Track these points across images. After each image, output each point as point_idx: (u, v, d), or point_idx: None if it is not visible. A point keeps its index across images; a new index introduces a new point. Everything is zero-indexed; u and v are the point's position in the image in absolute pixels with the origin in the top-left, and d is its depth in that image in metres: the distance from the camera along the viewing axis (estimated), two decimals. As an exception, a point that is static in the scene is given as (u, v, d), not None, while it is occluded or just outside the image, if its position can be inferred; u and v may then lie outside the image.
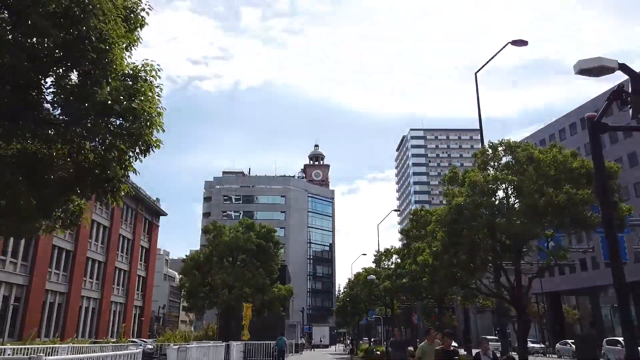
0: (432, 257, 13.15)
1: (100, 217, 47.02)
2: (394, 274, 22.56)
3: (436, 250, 12.99)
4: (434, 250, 13.11)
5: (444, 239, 12.82)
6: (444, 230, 13.01)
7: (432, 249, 13.25)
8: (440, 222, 13.15)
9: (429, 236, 14.09)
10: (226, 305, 20.91)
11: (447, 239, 12.66)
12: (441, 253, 12.81)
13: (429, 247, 13.57)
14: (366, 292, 36.14)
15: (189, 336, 33.32)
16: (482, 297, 14.31)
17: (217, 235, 22.29)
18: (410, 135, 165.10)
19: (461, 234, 12.35)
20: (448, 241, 12.64)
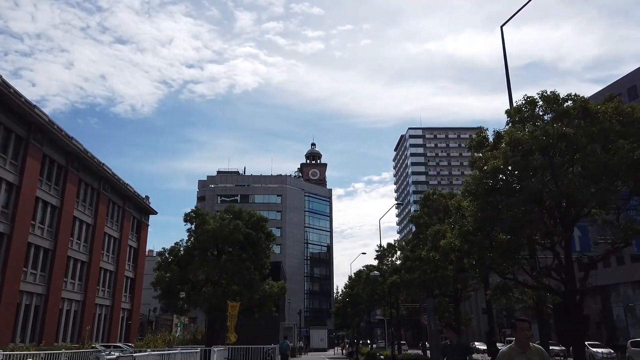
0: (461, 239, 10.40)
1: (83, 214, 44.13)
2: (403, 267, 19.80)
3: (466, 229, 10.25)
4: (463, 229, 10.36)
5: (476, 214, 10.09)
6: (476, 203, 10.27)
7: (460, 229, 10.49)
8: (469, 193, 10.41)
9: (455, 213, 11.30)
10: (209, 304, 18.04)
11: (480, 215, 9.94)
12: (473, 232, 10.10)
13: (455, 228, 10.81)
14: (368, 290, 33.36)
15: (173, 340, 30.44)
16: (519, 290, 11.58)
17: (200, 225, 19.46)
18: (409, 135, 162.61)
19: (499, 207, 9.65)
20: (482, 217, 9.92)
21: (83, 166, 43.43)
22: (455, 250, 10.58)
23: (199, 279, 19.71)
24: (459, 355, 7.75)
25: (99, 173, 46.49)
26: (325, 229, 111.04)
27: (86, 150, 43.54)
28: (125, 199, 53.51)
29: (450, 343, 7.82)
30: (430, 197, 20.19)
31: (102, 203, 47.41)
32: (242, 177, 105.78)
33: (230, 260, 18.95)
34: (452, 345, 7.79)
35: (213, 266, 18.45)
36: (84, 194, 44.74)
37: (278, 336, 32.53)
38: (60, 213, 39.65)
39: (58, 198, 39.61)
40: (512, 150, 9.59)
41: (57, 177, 39.85)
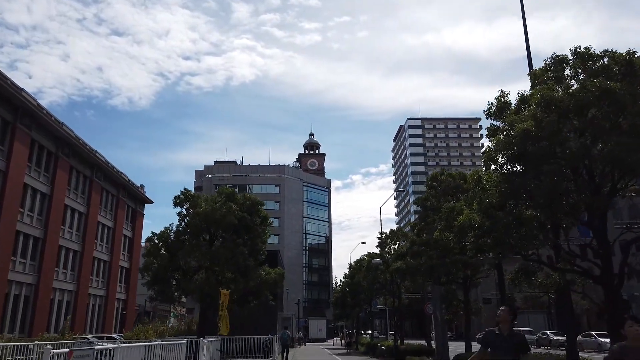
0: (482, 215, 9.12)
1: (75, 202, 42.84)
2: (409, 251, 18.59)
3: (489, 202, 8.96)
4: (485, 202, 9.07)
5: (500, 186, 8.81)
6: (501, 173, 9.00)
7: (480, 203, 9.20)
8: (493, 162, 9.12)
9: (475, 186, 9.97)
10: (201, 292, 16.83)
11: (505, 186, 8.66)
12: (496, 207, 8.82)
13: (474, 203, 9.54)
14: (369, 279, 32.20)
15: (166, 331, 29.34)
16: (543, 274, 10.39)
17: (191, 208, 18.19)
18: (408, 125, 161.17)
19: (529, 176, 8.38)
20: (507, 188, 8.64)
21: (74, 153, 42.08)
22: (475, 227, 9.33)
23: (191, 266, 18.50)
24: (511, 349, 5.84)
25: (91, 160, 45.15)
26: (324, 219, 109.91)
27: (77, 137, 42.17)
28: (119, 187, 52.23)
29: (500, 332, 5.94)
30: (438, 178, 18.92)
31: (94, 191, 46.12)
32: (239, 167, 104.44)
33: (224, 246, 17.70)
34: (501, 335, 5.92)
35: (205, 252, 17.22)
36: (76, 182, 43.44)
37: (276, 326, 31.43)
38: (50, 201, 38.38)
39: (48, 185, 38.31)
40: (544, 110, 8.32)
41: (46, 164, 38.52)
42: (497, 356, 5.89)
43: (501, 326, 5.99)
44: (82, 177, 44.57)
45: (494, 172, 9.54)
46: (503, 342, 5.89)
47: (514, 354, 5.92)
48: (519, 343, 5.91)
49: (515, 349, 5.89)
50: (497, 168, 9.41)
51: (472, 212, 9.46)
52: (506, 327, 5.94)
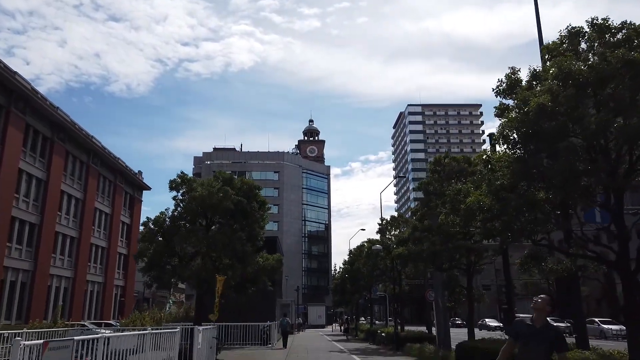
0: (491, 197, 8.58)
1: (72, 188, 42.31)
2: (411, 237, 18.13)
3: (500, 184, 8.39)
4: (496, 184, 8.51)
5: (512, 165, 8.26)
6: (513, 152, 8.44)
7: (490, 184, 8.65)
8: (504, 140, 8.56)
9: (484, 167, 9.41)
10: (197, 278, 16.38)
11: (518, 166, 8.10)
12: (507, 189, 8.27)
13: (483, 185, 9.01)
14: (369, 265, 31.84)
15: (163, 317, 29.03)
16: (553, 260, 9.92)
17: (187, 192, 17.67)
18: (408, 112, 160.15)
19: (544, 155, 7.85)
20: (520, 168, 8.08)
21: (70, 138, 41.44)
22: (484, 210, 8.81)
23: (187, 252, 18.04)
24: (545, 345, 4.90)
25: (88, 146, 44.53)
26: (324, 206, 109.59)
27: (73, 122, 41.49)
28: (116, 173, 51.67)
29: (533, 323, 5.04)
30: (441, 161, 18.37)
31: (91, 177, 45.57)
32: (238, 154, 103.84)
33: (221, 231, 17.22)
34: (534, 327, 5.00)
35: (201, 237, 16.75)
36: (72, 167, 42.87)
37: (275, 313, 31.15)
38: (46, 186, 37.87)
39: (44, 171, 37.76)
40: (561, 84, 7.76)
41: (42, 149, 37.92)
42: (526, 352, 4.99)
43: (535, 316, 5.08)
44: (79, 163, 43.99)
45: (505, 151, 8.99)
46: (535, 335, 4.97)
47: (547, 351, 4.96)
48: (555, 338, 4.94)
49: (549, 345, 4.94)
50: (508, 147, 8.86)
51: (481, 194, 8.96)
52: (541, 318, 5.04)
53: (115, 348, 8.05)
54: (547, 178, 8.11)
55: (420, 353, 19.46)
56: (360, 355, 21.58)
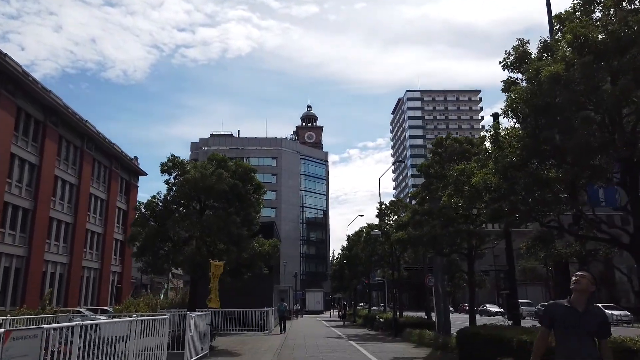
0: (499, 176, 8.03)
1: (66, 173, 41.65)
2: (411, 221, 17.63)
3: (508, 161, 7.82)
4: (504, 161, 7.94)
5: (523, 140, 7.69)
6: (524, 127, 7.86)
7: (497, 162, 8.09)
8: (514, 113, 7.97)
9: (491, 144, 8.81)
10: (191, 263, 15.90)
11: (529, 141, 7.54)
12: (516, 166, 7.71)
13: (490, 163, 8.46)
14: (368, 251, 31.44)
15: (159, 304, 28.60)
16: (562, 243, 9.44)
17: (179, 175, 17.10)
18: (407, 97, 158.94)
19: (557, 129, 7.29)
20: (531, 143, 7.50)
21: (63, 122, 40.68)
22: (491, 190, 8.27)
23: (181, 236, 17.54)
24: (589, 332, 4.03)
25: (82, 130, 43.78)
26: (322, 192, 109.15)
27: (66, 106, 40.71)
28: (111, 158, 50.99)
29: (572, 306, 4.10)
30: (443, 143, 17.79)
31: (86, 162, 44.90)
32: (236, 140, 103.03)
33: (215, 215, 16.69)
34: (574, 310, 4.08)
35: (195, 221, 16.23)
36: (66, 152, 42.17)
37: (272, 299, 30.83)
38: (39, 171, 37.22)
39: (37, 155, 37.08)
40: (576, 52, 7.18)
41: (34, 133, 37.19)
42: (567, 342, 4.07)
43: (575, 297, 4.13)
44: (73, 148, 43.29)
45: (514, 127, 8.40)
46: (577, 320, 4.04)
47: (592, 340, 4.04)
48: (601, 324, 4.08)
49: (594, 332, 4.04)
50: (518, 122, 8.27)
51: (488, 173, 8.42)
52: (583, 300, 4.10)
53: (104, 335, 7.67)
54: (559, 154, 7.57)
55: (420, 339, 19.11)
56: (358, 341, 21.23)
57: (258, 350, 16.65)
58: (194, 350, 12.69)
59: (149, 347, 9.57)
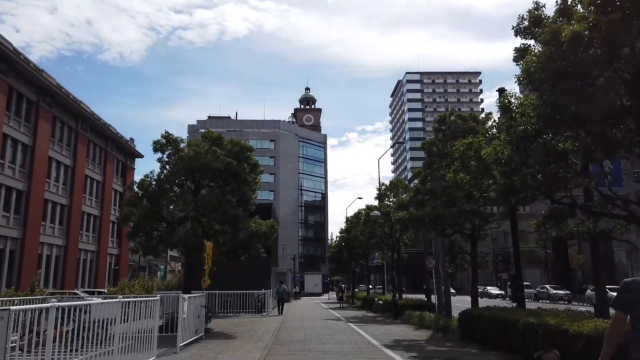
0: (512, 147, 7.46)
1: (60, 154, 40.97)
2: (413, 201, 17.10)
3: (523, 129, 7.25)
4: (518, 131, 7.36)
5: (539, 109, 7.10)
6: (540, 94, 7.29)
7: (509, 132, 7.53)
8: (530, 78, 7.36)
9: (503, 115, 8.22)
10: (185, 244, 15.42)
11: (545, 109, 6.95)
12: (532, 136, 7.15)
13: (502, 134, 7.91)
14: (367, 232, 31.03)
15: (154, 286, 28.30)
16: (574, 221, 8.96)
17: (173, 154, 16.51)
18: (406, 80, 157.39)
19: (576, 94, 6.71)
20: (549, 111, 6.91)
21: (57, 103, 39.87)
22: (502, 163, 7.72)
23: (175, 217, 17.03)
24: None
25: (76, 111, 42.95)
26: (320, 175, 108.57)
27: (60, 86, 39.85)
28: (107, 140, 50.24)
29: None
30: (446, 120, 17.18)
31: (81, 143, 44.17)
32: (233, 122, 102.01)
33: (210, 194, 16.16)
34: None
35: (189, 201, 15.70)
36: (60, 133, 41.42)
37: (270, 281, 30.51)
38: (33, 152, 36.54)
39: (30, 136, 36.37)
40: (599, 11, 6.58)
41: (27, 113, 36.42)
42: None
43: None
44: (67, 129, 42.53)
45: (528, 96, 7.80)
46: None
47: None
48: None
49: None
50: (534, 89, 7.66)
51: (499, 145, 7.86)
52: None
53: (94, 317, 7.31)
54: (578, 123, 6.99)
55: (420, 321, 18.78)
56: (357, 323, 20.92)
57: (255, 333, 16.29)
58: (188, 332, 12.30)
59: (141, 329, 9.15)
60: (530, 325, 10.05)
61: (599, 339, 7.82)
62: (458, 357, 10.70)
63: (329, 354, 11.41)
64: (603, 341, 3.45)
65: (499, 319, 11.71)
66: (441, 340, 14.47)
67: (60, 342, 7.14)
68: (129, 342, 8.60)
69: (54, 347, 6.67)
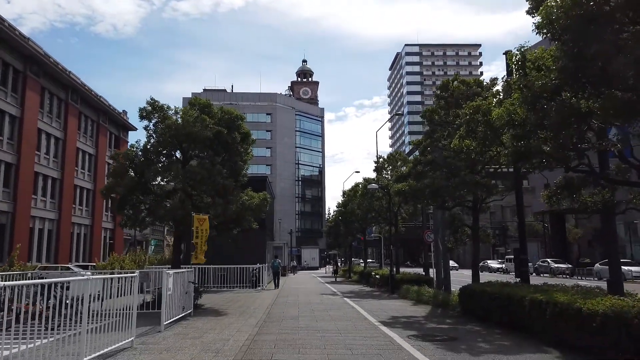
0: (527, 107, 6.60)
1: (50, 126, 39.90)
2: (412, 172, 16.31)
3: (543, 85, 6.38)
4: (537, 86, 6.51)
5: (560, 61, 6.25)
6: (562, 44, 6.42)
7: (523, 91, 6.68)
8: (550, 26, 6.46)
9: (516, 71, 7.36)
10: (173, 217, 14.69)
11: (568, 62, 6.10)
12: (548, 94, 6.29)
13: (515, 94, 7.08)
14: (365, 206, 30.35)
15: (148, 260, 27.76)
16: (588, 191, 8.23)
17: (160, 122, 15.60)
18: (405, 52, 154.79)
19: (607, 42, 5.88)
20: (572, 65, 6.02)
21: (45, 73, 38.61)
22: (515, 125, 6.89)
23: (164, 189, 16.24)
24: None
25: (65, 82, 41.68)
26: (317, 149, 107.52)
27: (47, 55, 38.50)
28: (99, 112, 49.07)
29: None
30: (449, 86, 16.22)
31: (71, 115, 43.03)
32: (229, 95, 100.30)
33: (200, 165, 15.33)
34: None
35: (177, 172, 14.88)
36: (50, 104, 40.27)
37: (265, 255, 29.99)
38: (21, 123, 35.50)
39: (17, 107, 35.26)
40: None
41: (14, 83, 35.23)
42: None
43: None
44: (57, 100, 41.35)
45: (552, 40, 6.88)
46: None
47: None
48: None
49: None
50: (554, 38, 6.76)
51: (513, 104, 7.03)
52: None
53: (72, 294, 6.75)
54: (609, 77, 6.13)
55: (418, 296, 18.25)
56: (353, 298, 20.42)
57: (247, 309, 15.72)
58: (175, 310, 11.66)
59: (121, 307, 8.50)
60: (537, 302, 9.42)
61: (617, 318, 7.17)
62: (460, 337, 10.10)
63: (323, 332, 10.81)
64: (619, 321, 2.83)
65: (503, 295, 11.09)
66: (441, 316, 13.92)
67: (33, 321, 6.53)
68: (105, 322, 7.94)
69: (23, 326, 6.02)
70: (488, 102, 8.66)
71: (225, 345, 9.05)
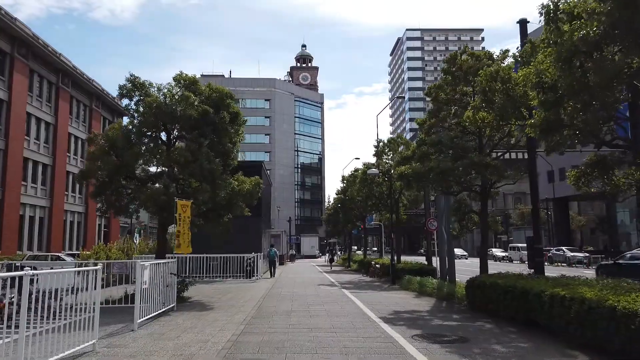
0: (560, 66, 5.44)
1: (40, 110, 38.63)
2: (416, 153, 15.06)
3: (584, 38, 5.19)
4: (575, 39, 5.32)
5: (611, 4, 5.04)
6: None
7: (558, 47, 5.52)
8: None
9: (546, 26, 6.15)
10: (155, 203, 13.52)
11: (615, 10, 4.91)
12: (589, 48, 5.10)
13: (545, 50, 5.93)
14: (365, 192, 29.18)
15: (136, 249, 26.67)
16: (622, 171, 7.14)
17: (142, 100, 14.36)
18: (407, 37, 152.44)
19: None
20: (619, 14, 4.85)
21: (34, 55, 37.23)
22: (545, 88, 5.70)
23: (148, 173, 15.08)
24: None
25: (56, 65, 40.29)
26: (317, 136, 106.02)
27: (36, 36, 37.07)
28: (92, 97, 47.74)
29: None
30: (457, 60, 14.89)
31: (62, 99, 41.71)
32: (227, 80, 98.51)
33: (184, 147, 14.13)
34: None
35: (161, 154, 13.70)
36: (39, 88, 38.95)
37: (261, 244, 28.88)
38: (9, 107, 34.24)
39: (5, 90, 33.99)
40: None
41: (1, 66, 33.90)
42: None
43: None
44: (47, 83, 40.01)
45: None
46: None
47: None
48: None
49: None
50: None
51: (544, 62, 5.81)
52: None
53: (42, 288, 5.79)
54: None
55: (420, 288, 17.16)
56: (352, 289, 19.34)
57: (237, 302, 14.61)
58: (154, 305, 10.55)
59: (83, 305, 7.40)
60: (559, 298, 8.28)
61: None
62: (471, 337, 8.98)
63: (316, 331, 9.69)
64: None
65: (518, 289, 9.96)
66: (446, 311, 12.81)
67: None
68: (62, 322, 6.83)
69: None
70: (509, 65, 7.51)
71: (201, 349, 7.93)
